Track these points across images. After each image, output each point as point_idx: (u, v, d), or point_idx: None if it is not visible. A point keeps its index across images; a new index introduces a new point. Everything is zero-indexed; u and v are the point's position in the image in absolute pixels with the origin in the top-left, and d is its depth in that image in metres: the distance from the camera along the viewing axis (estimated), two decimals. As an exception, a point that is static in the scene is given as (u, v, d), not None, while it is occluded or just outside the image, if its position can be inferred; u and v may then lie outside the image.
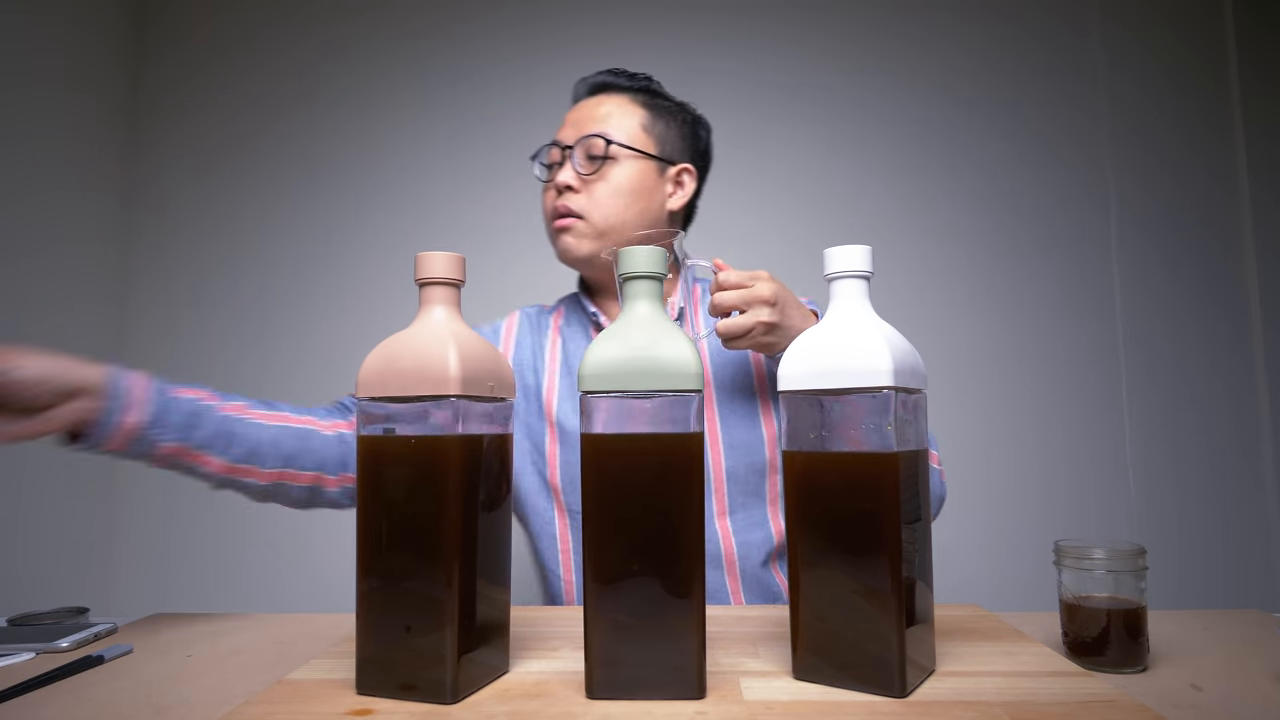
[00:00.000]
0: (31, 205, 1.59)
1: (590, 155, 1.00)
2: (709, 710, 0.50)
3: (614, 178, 1.00)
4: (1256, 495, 1.79)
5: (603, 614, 0.52)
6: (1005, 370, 1.84)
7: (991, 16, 1.91)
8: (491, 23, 1.93)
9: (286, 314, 1.87)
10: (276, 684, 0.56)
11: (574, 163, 1.00)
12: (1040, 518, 1.78)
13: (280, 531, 1.81)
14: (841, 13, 1.92)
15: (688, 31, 1.91)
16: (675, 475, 0.52)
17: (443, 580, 0.52)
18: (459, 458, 0.53)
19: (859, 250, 0.58)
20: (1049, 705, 0.50)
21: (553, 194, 1.02)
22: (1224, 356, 1.82)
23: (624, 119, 1.02)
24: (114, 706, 0.57)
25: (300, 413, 0.89)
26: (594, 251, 1.00)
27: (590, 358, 0.53)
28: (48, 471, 1.62)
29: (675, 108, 1.08)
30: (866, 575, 0.53)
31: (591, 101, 1.05)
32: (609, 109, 1.03)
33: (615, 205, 1.00)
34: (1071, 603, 0.65)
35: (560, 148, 1.02)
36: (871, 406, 0.53)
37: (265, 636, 0.76)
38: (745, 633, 0.69)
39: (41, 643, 0.71)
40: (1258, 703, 0.56)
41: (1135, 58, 1.89)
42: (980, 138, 1.89)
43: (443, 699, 0.51)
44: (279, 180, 1.91)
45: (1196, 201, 1.86)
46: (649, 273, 0.55)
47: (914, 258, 1.86)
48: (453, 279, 0.57)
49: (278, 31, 1.94)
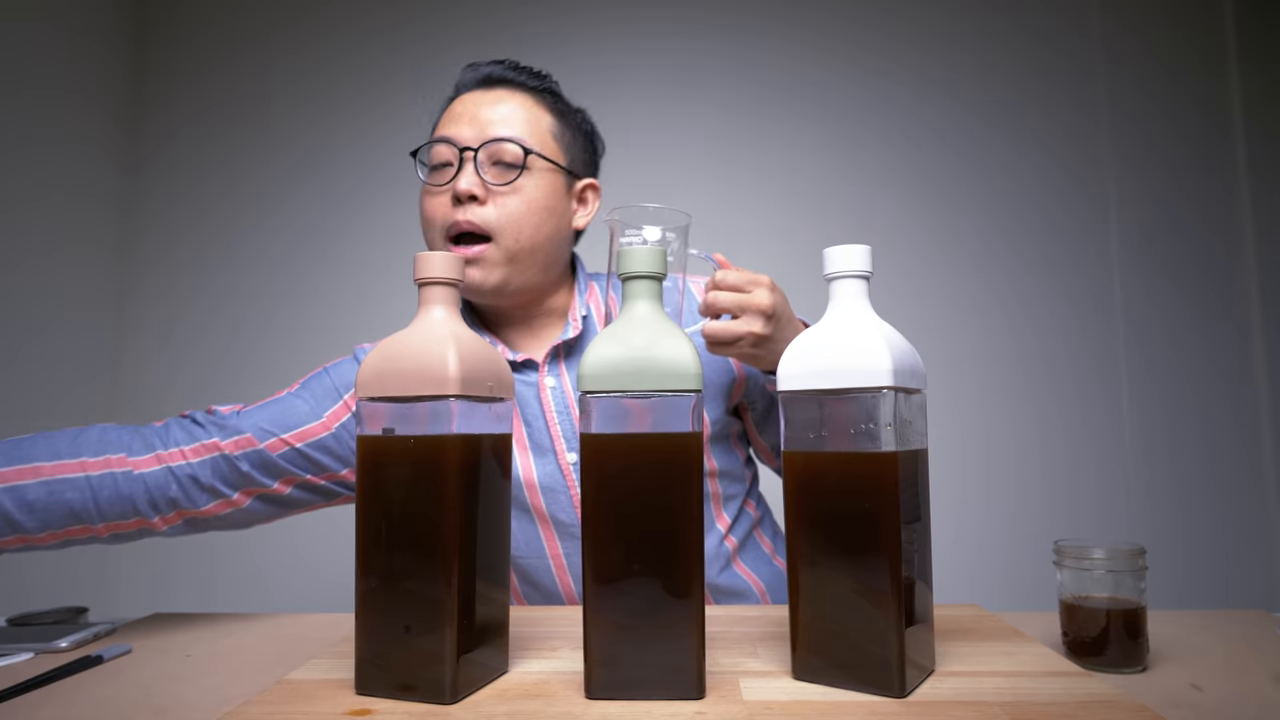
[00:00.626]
0: (30, 206, 1.59)
1: (500, 162, 0.87)
2: (709, 710, 0.50)
3: (527, 191, 0.87)
4: (1256, 495, 1.79)
5: (602, 614, 0.52)
6: (1005, 370, 1.84)
7: (991, 16, 1.91)
8: (491, 22, 1.93)
9: (285, 315, 1.87)
10: (276, 684, 0.56)
11: (478, 168, 0.86)
12: (1040, 518, 1.78)
13: (280, 531, 1.80)
14: (841, 12, 1.92)
15: (687, 32, 1.91)
16: (675, 475, 0.52)
17: (442, 580, 0.52)
18: (459, 458, 0.53)
19: (859, 250, 0.57)
20: (1049, 705, 0.50)
21: (443, 202, 0.87)
22: (1224, 356, 1.82)
23: (533, 123, 0.90)
24: (114, 706, 0.57)
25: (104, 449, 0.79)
26: (504, 281, 0.88)
27: (590, 358, 0.54)
28: (48, 471, 1.62)
29: (575, 114, 0.97)
30: (866, 575, 0.53)
31: (489, 96, 0.90)
32: (512, 109, 0.89)
33: (529, 224, 0.87)
34: (1071, 603, 0.65)
35: (457, 148, 0.87)
36: (871, 406, 0.53)
37: (265, 636, 0.76)
38: (745, 633, 0.69)
39: (41, 643, 0.71)
40: (1258, 703, 0.56)
41: (1135, 57, 1.89)
42: (980, 137, 1.89)
43: (442, 699, 0.51)
44: (277, 181, 1.91)
45: (1196, 201, 1.86)
46: (649, 273, 0.55)
47: (914, 258, 1.86)
48: (452, 279, 0.57)
49: (277, 32, 1.94)
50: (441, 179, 0.88)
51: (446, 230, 0.87)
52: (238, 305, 1.88)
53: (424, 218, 0.91)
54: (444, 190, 0.88)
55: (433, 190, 0.89)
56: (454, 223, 0.86)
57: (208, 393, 1.85)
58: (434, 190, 0.89)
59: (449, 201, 0.87)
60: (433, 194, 0.89)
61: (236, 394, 1.89)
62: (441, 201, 0.88)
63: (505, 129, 0.88)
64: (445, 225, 0.87)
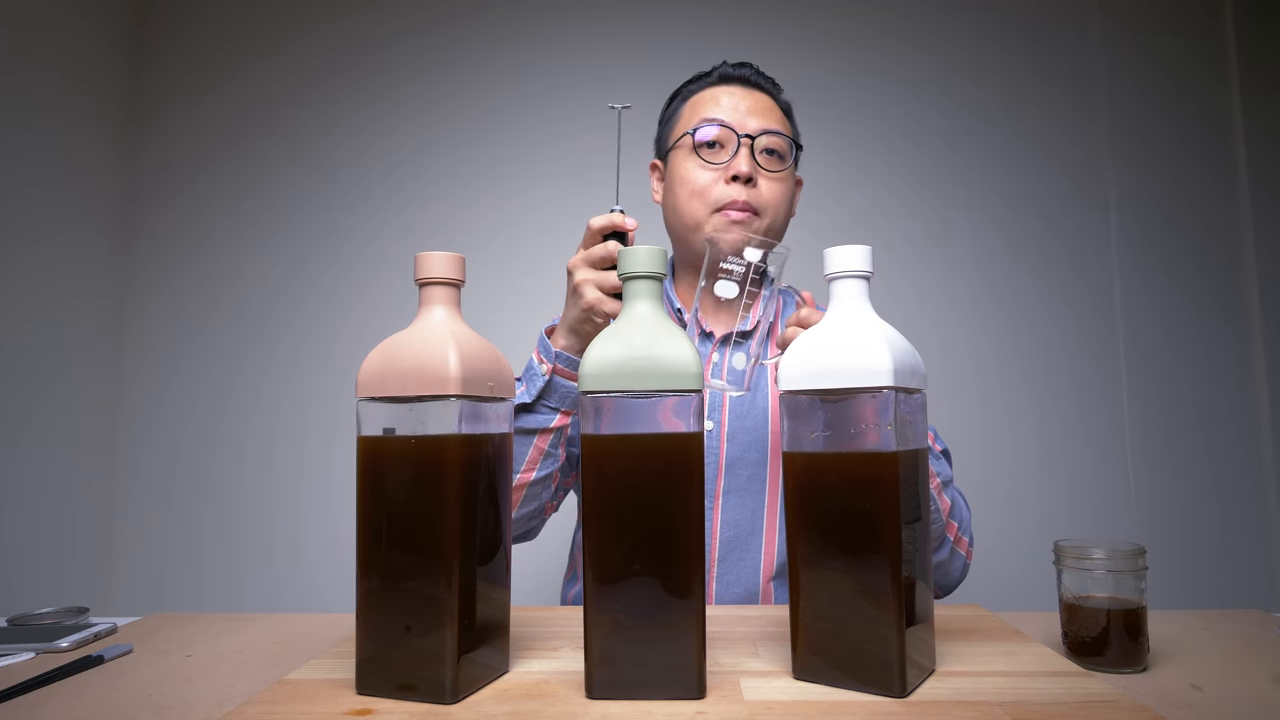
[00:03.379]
0: (31, 198, 1.59)
1: (772, 151, 0.99)
2: (709, 710, 0.50)
3: (785, 182, 1.00)
4: (1256, 495, 1.79)
5: (603, 614, 0.52)
6: (1005, 370, 1.84)
7: (991, 16, 1.91)
8: (490, 21, 1.93)
9: (286, 312, 1.87)
10: (276, 684, 0.56)
11: (753, 154, 0.97)
12: (1040, 518, 1.78)
13: (280, 532, 1.81)
14: (840, 13, 1.92)
15: (686, 32, 1.91)
16: (675, 475, 0.52)
17: (443, 580, 0.52)
18: (459, 458, 0.53)
19: (859, 250, 0.58)
20: (1049, 705, 0.50)
21: (718, 178, 0.98)
22: (1224, 356, 1.82)
23: (784, 123, 1.02)
24: (114, 706, 0.57)
25: None
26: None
27: (590, 358, 0.54)
28: (47, 471, 1.62)
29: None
30: (866, 575, 0.53)
31: (754, 95, 1.02)
32: (770, 107, 1.01)
33: (781, 210, 1.00)
34: (1071, 603, 0.65)
35: (737, 134, 0.98)
36: (871, 406, 0.53)
37: (265, 636, 0.76)
38: (745, 633, 0.69)
39: (41, 643, 0.71)
40: (1257, 703, 0.56)
41: (1135, 58, 1.89)
42: (980, 137, 1.89)
43: (442, 699, 0.51)
44: (279, 177, 1.91)
45: (1196, 201, 1.86)
46: (649, 273, 0.56)
47: (914, 258, 1.86)
48: (452, 279, 0.57)
49: (278, 27, 1.94)
50: (716, 157, 0.98)
51: (720, 203, 0.97)
52: (239, 297, 1.87)
53: (691, 188, 0.99)
54: (723, 169, 0.97)
55: (706, 166, 0.98)
56: (730, 199, 0.96)
57: (209, 384, 1.85)
58: (707, 166, 0.98)
59: (726, 180, 0.97)
60: (706, 169, 0.98)
61: (238, 386, 1.91)
62: (712, 176, 0.98)
63: (778, 123, 1.00)
64: (720, 200, 0.97)
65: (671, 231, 1.06)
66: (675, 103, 1.08)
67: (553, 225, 1.86)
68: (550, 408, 0.89)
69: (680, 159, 1.01)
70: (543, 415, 0.89)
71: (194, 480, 1.83)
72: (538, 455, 0.92)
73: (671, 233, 1.07)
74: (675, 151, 1.03)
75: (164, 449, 1.83)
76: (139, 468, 1.83)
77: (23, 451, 1.56)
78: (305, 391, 1.84)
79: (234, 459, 1.83)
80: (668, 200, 1.05)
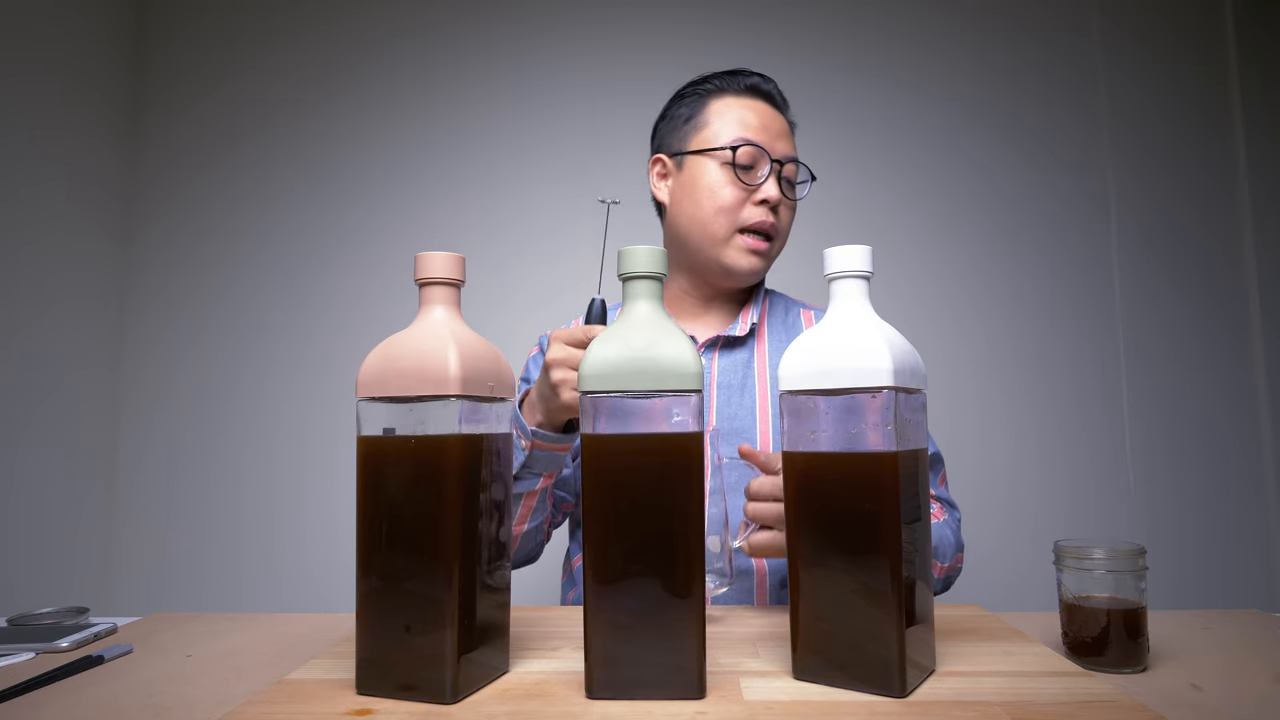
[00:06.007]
0: (31, 199, 1.59)
1: (792, 180, 1.01)
2: (709, 710, 0.50)
3: (795, 210, 1.03)
4: (1256, 495, 1.79)
5: (603, 614, 0.52)
6: (1005, 370, 1.84)
7: (991, 16, 1.91)
8: (489, 21, 1.93)
9: (286, 311, 1.87)
10: (276, 684, 0.56)
11: (779, 179, 0.98)
12: (1040, 518, 1.78)
13: (280, 532, 1.81)
14: (841, 13, 1.92)
15: (686, 32, 1.91)
16: (675, 475, 0.52)
17: (443, 580, 0.52)
18: (459, 458, 0.53)
19: (859, 250, 0.58)
20: (1049, 705, 0.50)
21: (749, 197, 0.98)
22: (1224, 356, 1.82)
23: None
24: (114, 706, 0.57)
25: None
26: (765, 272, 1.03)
27: (590, 358, 0.53)
28: (47, 472, 1.62)
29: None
30: (866, 575, 0.53)
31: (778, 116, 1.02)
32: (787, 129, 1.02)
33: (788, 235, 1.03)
34: (1071, 603, 0.65)
35: (770, 158, 0.97)
36: (871, 406, 0.53)
37: (265, 636, 0.76)
38: (745, 633, 0.69)
39: (41, 643, 0.71)
40: (1258, 703, 0.56)
41: (1135, 58, 1.89)
42: (980, 137, 1.89)
43: (443, 699, 0.51)
44: (279, 177, 1.91)
45: (1196, 201, 1.86)
46: (649, 273, 0.55)
47: (914, 258, 1.86)
48: (453, 279, 0.57)
49: (278, 28, 1.94)
50: (748, 178, 0.98)
51: (746, 226, 0.98)
52: (239, 297, 1.87)
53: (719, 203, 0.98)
54: (756, 192, 0.97)
55: (737, 184, 0.98)
56: (760, 222, 0.97)
57: (209, 384, 1.85)
58: (738, 184, 0.98)
59: (758, 204, 0.98)
60: (736, 186, 0.98)
61: (238, 386, 1.91)
62: (743, 196, 0.98)
63: (794, 150, 1.02)
64: (748, 221, 0.98)
65: (678, 233, 1.03)
66: (695, 100, 1.03)
67: (552, 226, 1.87)
68: (535, 474, 0.90)
69: (708, 169, 0.99)
70: (528, 481, 0.91)
71: (194, 480, 1.83)
72: (527, 511, 0.94)
73: (678, 235, 1.03)
74: (701, 158, 1.00)
75: (164, 449, 1.83)
76: (139, 468, 1.83)
77: (23, 451, 1.56)
78: (305, 391, 1.84)
79: (234, 459, 1.83)
80: (684, 206, 1.01)
